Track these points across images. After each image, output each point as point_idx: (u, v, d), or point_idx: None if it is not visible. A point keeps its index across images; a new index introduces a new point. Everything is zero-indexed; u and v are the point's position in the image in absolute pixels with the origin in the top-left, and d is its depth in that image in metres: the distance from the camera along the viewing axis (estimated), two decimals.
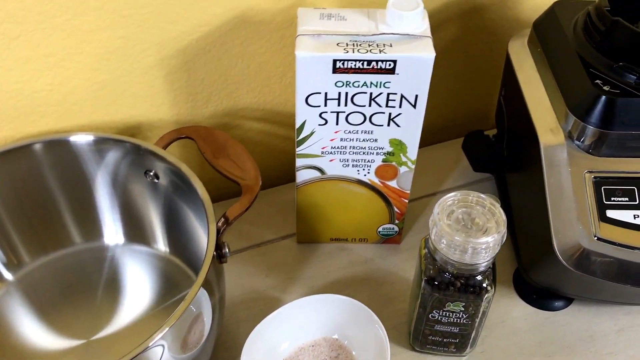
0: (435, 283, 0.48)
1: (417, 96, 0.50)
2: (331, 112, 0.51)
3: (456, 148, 0.70)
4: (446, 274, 0.48)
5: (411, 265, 0.61)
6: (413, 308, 0.52)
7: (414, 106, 0.51)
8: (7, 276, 0.56)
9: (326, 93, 0.50)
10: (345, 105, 0.51)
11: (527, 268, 0.56)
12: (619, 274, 0.49)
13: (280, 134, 0.67)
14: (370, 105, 0.51)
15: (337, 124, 0.52)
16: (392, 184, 0.57)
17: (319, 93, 0.50)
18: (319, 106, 0.51)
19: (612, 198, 0.49)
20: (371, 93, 0.50)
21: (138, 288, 0.56)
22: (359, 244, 0.63)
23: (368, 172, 0.56)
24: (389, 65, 0.48)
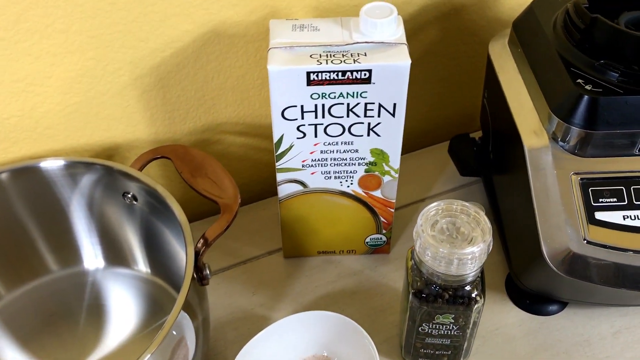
0: (423, 296, 0.47)
1: (396, 105, 0.49)
2: (309, 125, 0.50)
3: (443, 152, 0.69)
4: (433, 286, 0.46)
5: (401, 274, 0.60)
6: (403, 321, 0.51)
7: (393, 115, 0.49)
8: None
9: (302, 106, 0.49)
10: (322, 117, 0.50)
11: (518, 273, 0.55)
12: (612, 277, 0.47)
13: (262, 147, 0.66)
14: (348, 116, 0.50)
15: (316, 137, 0.51)
16: (377, 194, 0.56)
17: (295, 106, 0.49)
18: (296, 119, 0.50)
19: (600, 199, 0.48)
20: (348, 104, 0.49)
21: (122, 312, 0.55)
22: (348, 256, 0.61)
23: (351, 184, 0.55)
24: (364, 75, 0.47)
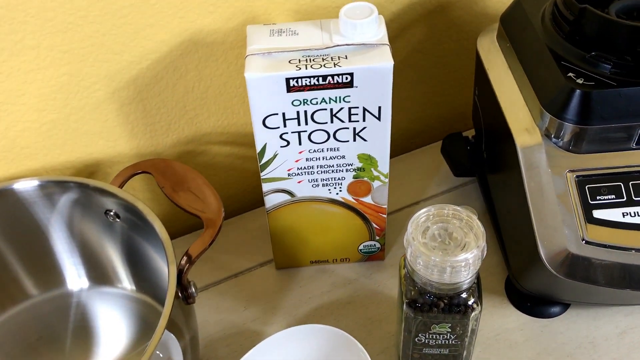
0: (417, 305, 0.45)
1: (381, 108, 0.47)
2: (292, 133, 0.48)
3: (436, 153, 0.67)
4: (428, 295, 0.44)
5: (397, 282, 0.58)
6: (399, 331, 0.49)
7: (379, 118, 0.48)
8: None
9: (284, 113, 0.47)
10: (305, 124, 0.48)
11: (517, 276, 0.53)
12: (614, 278, 0.45)
13: (249, 156, 0.64)
14: (332, 121, 0.48)
15: (300, 144, 0.49)
16: (367, 200, 0.54)
17: (276, 114, 0.47)
18: (278, 127, 0.48)
19: (598, 197, 0.46)
20: (331, 109, 0.47)
21: (110, 332, 0.53)
22: (341, 264, 0.60)
23: (340, 191, 0.53)
24: (346, 78, 0.45)
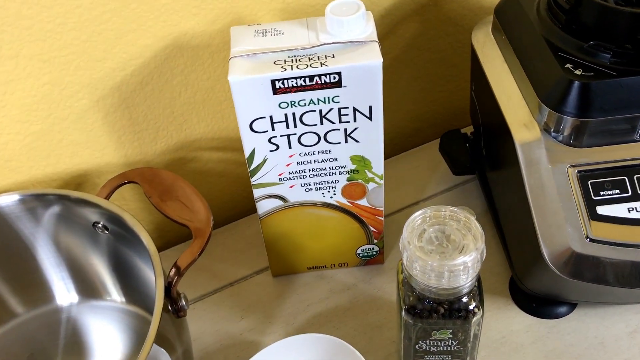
0: (416, 311, 0.43)
1: (372, 107, 0.45)
2: (281, 136, 0.47)
3: (434, 151, 0.65)
4: (427, 301, 0.43)
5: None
6: (399, 338, 0.47)
7: (370, 118, 0.46)
8: None
9: (271, 116, 0.45)
10: (294, 126, 0.46)
11: (521, 276, 0.51)
12: (620, 277, 0.44)
13: (242, 161, 0.62)
14: (322, 123, 0.46)
15: (290, 148, 0.47)
16: (363, 203, 0.52)
17: (263, 117, 0.45)
18: (266, 131, 0.46)
19: (602, 192, 0.44)
20: (320, 110, 0.45)
21: (103, 346, 0.52)
22: (339, 270, 0.58)
23: (334, 194, 0.51)
24: (334, 78, 0.43)
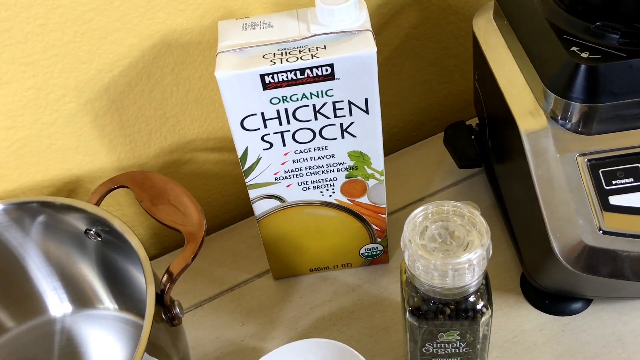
0: (420, 313, 0.41)
1: (367, 100, 0.43)
2: (274, 134, 0.45)
3: (439, 144, 0.63)
4: (432, 302, 0.40)
5: None
6: (405, 341, 0.45)
7: (367, 112, 0.44)
8: None
9: (262, 113, 0.43)
10: (287, 123, 0.44)
11: (532, 272, 0.48)
12: (636, 270, 0.41)
13: None
14: (316, 118, 0.44)
15: (285, 145, 0.45)
16: (363, 200, 0.50)
17: (254, 114, 0.43)
18: (258, 129, 0.44)
19: (614, 181, 0.42)
20: (314, 105, 0.43)
21: (100, 356, 0.50)
22: (343, 270, 0.56)
23: (333, 192, 0.49)
24: (326, 70, 0.41)
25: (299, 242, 0.53)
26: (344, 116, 0.44)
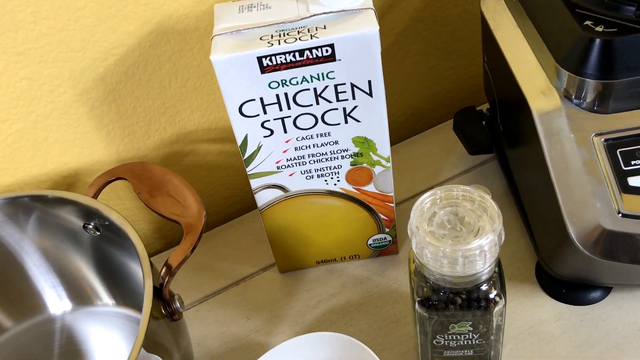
0: (430, 304, 0.39)
1: (371, 82, 0.41)
2: (274, 120, 0.43)
3: (449, 131, 0.61)
4: (442, 292, 0.39)
5: None
6: (415, 334, 0.43)
7: (370, 95, 0.42)
8: None
9: (261, 98, 0.42)
10: (288, 108, 0.42)
11: (547, 260, 0.46)
12: None
13: None
14: (318, 103, 0.42)
15: (286, 132, 0.44)
16: (370, 189, 0.48)
17: (253, 100, 0.42)
18: (258, 115, 0.42)
19: (633, 162, 0.40)
20: (315, 88, 0.41)
21: (102, 353, 0.49)
22: (351, 262, 0.54)
23: (338, 180, 0.47)
24: (326, 51, 0.39)
25: (304, 234, 0.51)
26: (347, 100, 0.42)
